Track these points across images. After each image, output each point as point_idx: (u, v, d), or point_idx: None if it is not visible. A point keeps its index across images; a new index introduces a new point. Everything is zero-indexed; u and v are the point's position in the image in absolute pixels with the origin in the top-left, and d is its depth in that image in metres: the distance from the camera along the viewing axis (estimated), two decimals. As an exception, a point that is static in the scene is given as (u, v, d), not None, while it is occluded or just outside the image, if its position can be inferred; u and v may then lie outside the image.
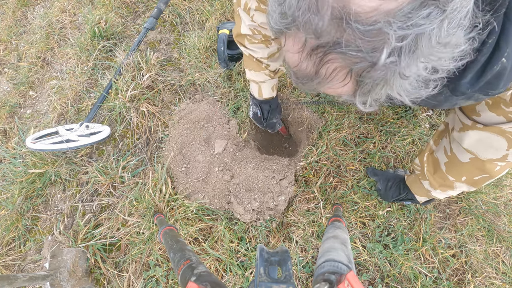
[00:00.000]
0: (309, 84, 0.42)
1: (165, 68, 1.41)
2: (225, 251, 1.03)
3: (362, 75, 0.37)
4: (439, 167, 0.79)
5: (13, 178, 1.17)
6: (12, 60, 1.61)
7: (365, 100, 0.42)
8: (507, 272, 1.01)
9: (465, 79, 0.47)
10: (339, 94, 0.44)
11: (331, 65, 0.37)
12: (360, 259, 1.02)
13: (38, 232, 1.14)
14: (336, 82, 0.40)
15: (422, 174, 0.87)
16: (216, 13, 1.49)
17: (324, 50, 0.36)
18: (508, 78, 0.46)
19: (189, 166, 1.15)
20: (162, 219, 0.99)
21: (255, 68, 0.98)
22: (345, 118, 1.24)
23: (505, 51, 0.43)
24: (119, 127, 1.27)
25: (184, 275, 0.52)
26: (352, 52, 0.34)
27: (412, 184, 0.97)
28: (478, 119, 0.64)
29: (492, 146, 0.63)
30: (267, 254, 0.38)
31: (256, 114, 1.15)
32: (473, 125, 0.65)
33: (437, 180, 0.82)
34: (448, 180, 0.78)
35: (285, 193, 1.08)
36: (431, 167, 0.83)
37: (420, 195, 0.95)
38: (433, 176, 0.82)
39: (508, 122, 0.59)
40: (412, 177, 0.97)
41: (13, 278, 0.85)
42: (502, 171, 0.68)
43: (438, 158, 0.80)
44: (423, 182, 0.88)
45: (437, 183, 0.82)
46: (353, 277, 0.40)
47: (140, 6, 1.64)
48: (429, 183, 0.85)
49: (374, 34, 0.32)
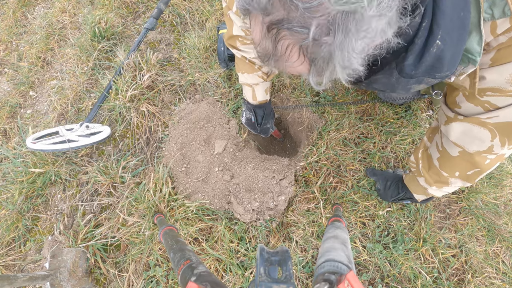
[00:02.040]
0: (270, 62, 0.46)
1: (165, 68, 1.41)
2: (225, 251, 1.03)
3: (312, 53, 0.40)
4: (433, 164, 0.80)
5: (13, 178, 1.17)
6: (12, 60, 1.61)
7: (320, 80, 0.46)
8: (507, 272, 1.01)
9: (408, 61, 0.49)
10: (298, 73, 0.47)
11: (285, 41, 0.40)
12: (360, 259, 1.02)
13: (38, 232, 1.14)
14: (293, 61, 0.43)
15: (417, 171, 0.87)
16: (216, 13, 1.49)
17: (277, 27, 0.39)
18: (452, 61, 0.48)
19: (189, 166, 1.15)
20: (162, 219, 0.99)
21: (248, 70, 0.98)
22: (345, 118, 1.24)
23: (438, 33, 0.45)
24: (119, 127, 1.27)
25: (184, 275, 0.52)
26: (297, 28, 0.37)
27: (409, 182, 0.97)
28: (459, 111, 0.65)
29: (476, 138, 0.64)
30: (267, 254, 0.38)
31: (250, 119, 1.13)
32: (455, 117, 0.66)
33: (432, 176, 0.82)
34: (442, 176, 0.78)
35: (285, 193, 1.08)
36: (426, 164, 0.83)
37: (418, 194, 0.95)
38: (428, 172, 0.83)
39: (486, 112, 0.60)
40: (409, 176, 0.97)
41: (13, 278, 0.85)
42: (493, 164, 0.68)
43: (431, 155, 0.80)
44: (419, 179, 0.88)
45: (432, 180, 0.82)
46: (353, 277, 0.40)
47: (140, 6, 1.64)
48: (425, 180, 0.85)
49: (314, 11, 0.35)
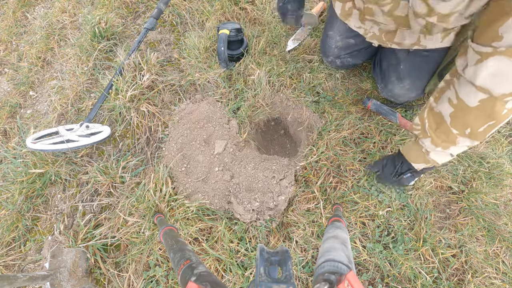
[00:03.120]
0: None
1: (165, 68, 1.41)
2: (225, 251, 1.03)
3: None
4: (443, 121, 0.77)
5: (13, 178, 1.17)
6: (12, 61, 1.61)
7: None
8: (507, 272, 1.01)
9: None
10: None
11: None
12: (360, 259, 1.02)
13: (38, 232, 1.14)
14: None
15: (422, 132, 0.84)
16: (216, 13, 1.49)
17: None
18: None
19: (189, 166, 1.15)
20: (162, 219, 0.99)
21: None
22: (345, 118, 1.24)
23: None
24: (119, 127, 1.27)
25: (184, 275, 0.52)
26: None
27: (408, 151, 0.95)
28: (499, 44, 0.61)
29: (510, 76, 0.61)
30: (267, 254, 0.38)
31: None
32: (494, 51, 0.62)
33: (439, 136, 0.80)
34: (451, 134, 0.76)
35: (285, 193, 1.08)
36: (433, 123, 0.81)
37: (418, 162, 0.92)
38: (435, 132, 0.80)
39: None
40: (407, 144, 0.96)
41: (13, 278, 0.85)
42: (508, 115, 0.67)
43: (440, 112, 0.78)
44: (423, 141, 0.85)
45: (440, 139, 0.80)
46: (353, 277, 0.40)
47: (140, 6, 1.64)
48: (431, 140, 0.82)
49: None
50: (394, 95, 1.17)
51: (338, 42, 1.21)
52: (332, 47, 1.23)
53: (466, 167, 1.17)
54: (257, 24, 1.50)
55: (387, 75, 1.16)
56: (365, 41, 1.15)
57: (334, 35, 1.20)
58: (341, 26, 1.17)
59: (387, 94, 1.19)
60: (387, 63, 1.15)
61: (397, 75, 1.12)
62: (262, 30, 1.47)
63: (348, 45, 1.20)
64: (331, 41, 1.22)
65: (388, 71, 1.15)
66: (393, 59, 1.13)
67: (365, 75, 1.36)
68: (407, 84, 1.12)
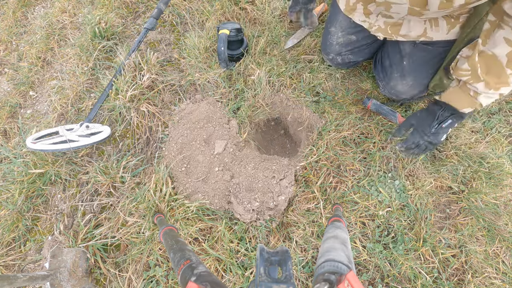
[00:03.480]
0: None
1: (165, 68, 1.41)
2: (225, 251, 1.03)
3: None
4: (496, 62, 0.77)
5: (13, 178, 1.17)
6: (12, 61, 1.61)
7: None
8: (507, 272, 1.01)
9: None
10: None
11: None
12: (360, 259, 1.02)
13: (38, 232, 1.14)
14: None
15: (474, 77, 0.84)
16: (216, 13, 1.49)
17: None
18: None
19: (189, 166, 1.15)
20: (162, 219, 0.99)
21: None
22: (345, 118, 1.24)
23: None
24: (119, 127, 1.27)
25: (184, 275, 0.52)
26: None
27: (452, 97, 0.93)
28: None
29: None
30: (267, 254, 0.38)
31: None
32: None
33: (492, 78, 0.80)
34: (504, 74, 0.77)
35: (285, 193, 1.08)
36: (484, 67, 0.81)
37: (464, 107, 0.91)
38: (487, 75, 0.80)
39: None
40: (449, 91, 0.95)
41: (13, 278, 0.85)
42: None
43: (494, 54, 0.78)
44: (475, 85, 0.84)
45: (493, 81, 0.80)
46: (353, 277, 0.40)
47: (140, 6, 1.64)
48: (485, 84, 0.82)
49: None
50: (397, 92, 1.17)
51: (340, 39, 1.21)
52: (334, 44, 1.23)
53: (466, 167, 1.17)
54: (257, 24, 1.50)
55: (389, 72, 1.16)
56: (367, 38, 1.15)
57: (336, 31, 1.20)
58: (343, 22, 1.17)
59: (390, 91, 1.19)
60: (390, 59, 1.15)
61: (400, 72, 1.12)
62: (262, 30, 1.47)
63: (349, 42, 1.20)
64: (333, 38, 1.22)
65: (391, 68, 1.15)
66: (396, 56, 1.12)
67: (365, 75, 1.36)
68: (410, 80, 1.12)
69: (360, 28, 1.13)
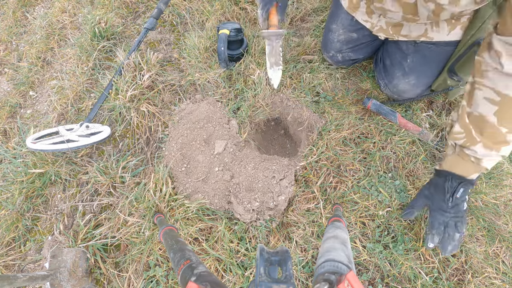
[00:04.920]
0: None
1: (165, 68, 1.41)
2: (225, 251, 1.03)
3: None
4: (487, 122, 0.74)
5: (13, 178, 1.17)
6: (12, 60, 1.61)
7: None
8: (507, 272, 1.01)
9: None
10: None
11: None
12: (360, 259, 1.02)
13: (38, 232, 1.14)
14: None
15: (470, 139, 0.79)
16: (216, 13, 1.49)
17: None
18: None
19: (189, 166, 1.15)
20: (162, 219, 0.99)
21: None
22: (345, 118, 1.24)
23: None
24: (119, 127, 1.27)
25: (184, 275, 0.52)
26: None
27: (454, 166, 0.87)
28: None
29: None
30: (267, 254, 0.38)
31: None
32: None
33: (489, 138, 0.76)
34: (500, 133, 0.73)
35: (285, 193, 1.08)
36: (477, 128, 0.77)
37: (469, 174, 0.84)
38: (483, 136, 0.76)
39: None
40: (448, 159, 0.88)
41: (13, 278, 0.85)
42: None
43: (481, 114, 0.75)
44: (474, 148, 0.79)
45: (490, 142, 0.76)
46: (353, 277, 0.40)
47: (140, 6, 1.64)
48: (483, 145, 0.77)
49: None
50: (399, 90, 1.17)
51: (341, 36, 1.21)
52: (335, 41, 1.23)
53: (466, 167, 1.17)
54: (257, 24, 1.50)
55: (391, 71, 1.16)
56: (367, 36, 1.15)
57: (338, 28, 1.20)
58: (344, 19, 1.17)
59: (392, 90, 1.19)
60: (391, 58, 1.16)
61: (402, 70, 1.12)
62: (262, 30, 1.47)
63: (350, 39, 1.20)
64: (334, 35, 1.22)
65: (393, 67, 1.15)
66: (398, 54, 1.13)
67: (365, 75, 1.36)
68: (413, 79, 1.12)
69: (361, 26, 1.14)
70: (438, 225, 0.91)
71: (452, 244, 0.89)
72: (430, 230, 0.92)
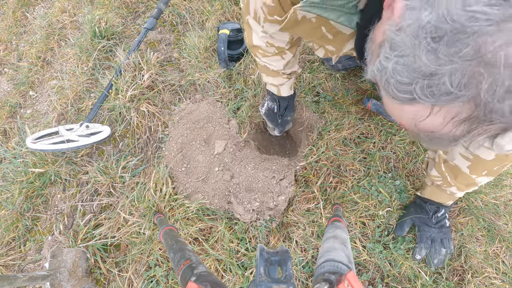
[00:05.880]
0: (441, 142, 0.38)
1: (165, 68, 1.41)
2: (225, 251, 1.03)
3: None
4: (461, 172, 0.85)
5: (13, 178, 1.17)
6: (12, 60, 1.61)
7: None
8: (507, 272, 1.01)
9: None
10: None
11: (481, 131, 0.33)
12: (360, 259, 1.02)
13: (38, 232, 1.14)
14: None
15: (446, 183, 0.93)
16: (216, 13, 1.49)
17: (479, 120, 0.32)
18: None
19: (189, 166, 1.15)
20: (162, 219, 0.99)
21: (272, 75, 0.98)
22: (345, 118, 1.24)
23: None
24: (119, 127, 1.27)
25: (184, 275, 0.52)
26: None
27: (433, 195, 1.01)
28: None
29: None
30: (267, 254, 0.38)
31: (273, 109, 1.12)
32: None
33: (461, 182, 0.89)
34: (470, 178, 0.84)
35: (285, 193, 1.08)
36: (452, 174, 0.89)
37: (447, 201, 1.01)
38: (456, 180, 0.89)
39: None
40: (428, 190, 1.02)
41: (13, 278, 0.85)
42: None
43: (457, 165, 0.85)
44: (449, 189, 0.94)
45: (463, 185, 0.89)
46: (353, 277, 0.40)
47: (140, 6, 1.64)
48: (457, 188, 0.91)
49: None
50: None
51: None
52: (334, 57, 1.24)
53: (466, 167, 1.17)
54: (257, 24, 1.50)
55: None
56: None
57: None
58: None
59: None
60: None
61: None
62: (262, 30, 1.47)
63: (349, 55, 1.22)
64: None
65: None
66: None
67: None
68: None
69: None
70: (425, 239, 1.02)
71: (438, 258, 1.01)
72: (419, 243, 1.03)
